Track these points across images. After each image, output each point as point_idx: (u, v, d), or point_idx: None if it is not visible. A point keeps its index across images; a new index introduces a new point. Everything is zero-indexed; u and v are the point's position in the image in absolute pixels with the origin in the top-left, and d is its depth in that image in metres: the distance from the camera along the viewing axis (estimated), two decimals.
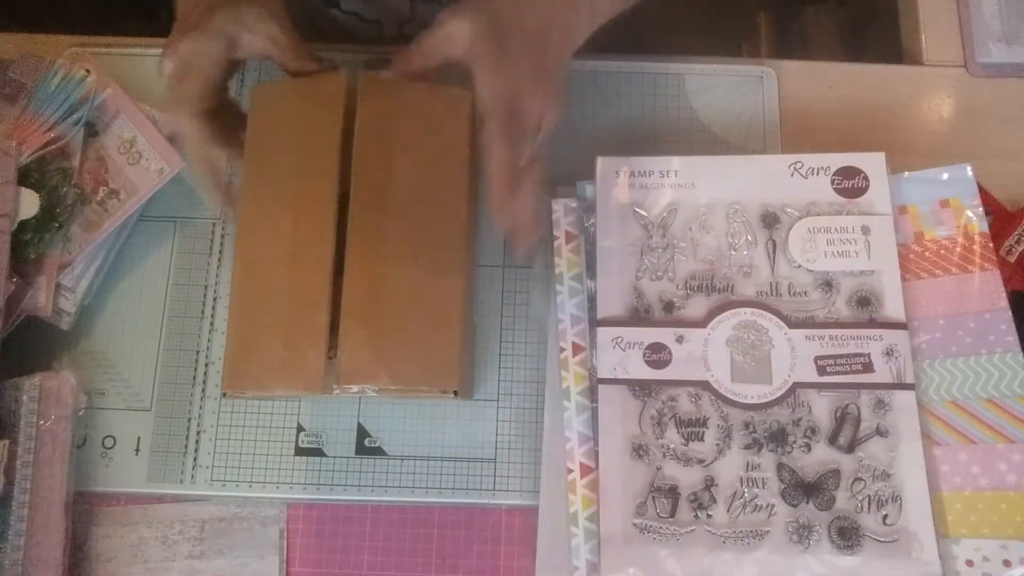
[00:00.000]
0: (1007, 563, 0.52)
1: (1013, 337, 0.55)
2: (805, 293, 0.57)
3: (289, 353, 0.50)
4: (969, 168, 0.59)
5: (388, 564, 0.58)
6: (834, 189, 0.58)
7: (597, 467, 0.55)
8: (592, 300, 0.58)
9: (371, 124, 0.52)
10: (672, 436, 0.55)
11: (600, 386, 0.56)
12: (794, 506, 0.53)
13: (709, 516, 0.54)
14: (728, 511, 0.54)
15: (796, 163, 0.59)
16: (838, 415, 0.55)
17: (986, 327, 0.56)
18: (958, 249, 0.58)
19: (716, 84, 0.67)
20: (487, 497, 0.58)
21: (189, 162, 0.57)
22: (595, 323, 0.58)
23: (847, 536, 0.53)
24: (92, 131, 0.62)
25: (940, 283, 0.57)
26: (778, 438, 0.55)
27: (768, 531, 0.53)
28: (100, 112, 0.63)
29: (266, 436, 0.60)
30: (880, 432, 0.54)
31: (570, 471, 0.56)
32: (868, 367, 0.55)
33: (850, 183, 0.58)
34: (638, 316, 0.57)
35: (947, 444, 0.55)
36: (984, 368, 0.55)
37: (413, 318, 0.50)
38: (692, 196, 0.59)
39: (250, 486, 0.59)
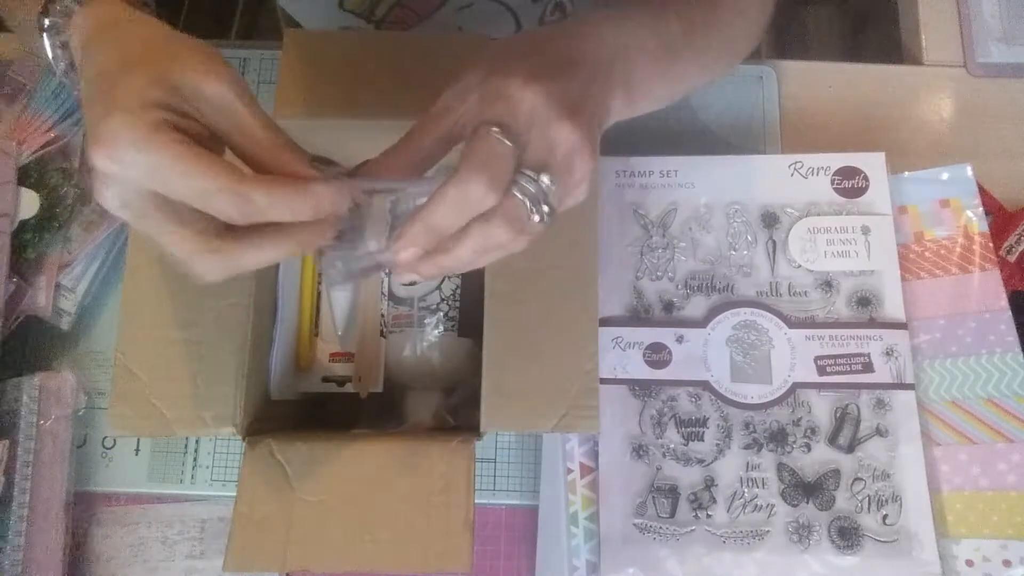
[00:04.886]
0: (1007, 563, 0.52)
1: (1013, 337, 0.55)
2: (805, 293, 0.57)
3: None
4: (969, 168, 0.59)
5: None
6: (834, 189, 0.58)
7: (597, 467, 0.55)
8: None
9: None
10: (672, 436, 0.55)
11: (600, 386, 0.56)
12: (794, 506, 0.53)
13: (709, 516, 0.54)
14: (728, 511, 0.54)
15: (796, 163, 0.59)
16: (838, 415, 0.55)
17: (986, 327, 0.56)
18: (958, 249, 0.58)
19: (716, 84, 0.67)
20: (487, 497, 0.58)
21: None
22: None
23: (847, 536, 0.53)
24: None
25: (940, 283, 0.57)
26: (778, 438, 0.55)
27: (768, 531, 0.53)
28: None
29: None
30: (880, 432, 0.54)
31: (570, 471, 0.56)
32: (868, 367, 0.55)
33: (850, 183, 0.58)
34: (638, 316, 0.57)
35: (947, 444, 0.55)
36: (984, 368, 0.55)
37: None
38: (692, 196, 0.59)
39: None
